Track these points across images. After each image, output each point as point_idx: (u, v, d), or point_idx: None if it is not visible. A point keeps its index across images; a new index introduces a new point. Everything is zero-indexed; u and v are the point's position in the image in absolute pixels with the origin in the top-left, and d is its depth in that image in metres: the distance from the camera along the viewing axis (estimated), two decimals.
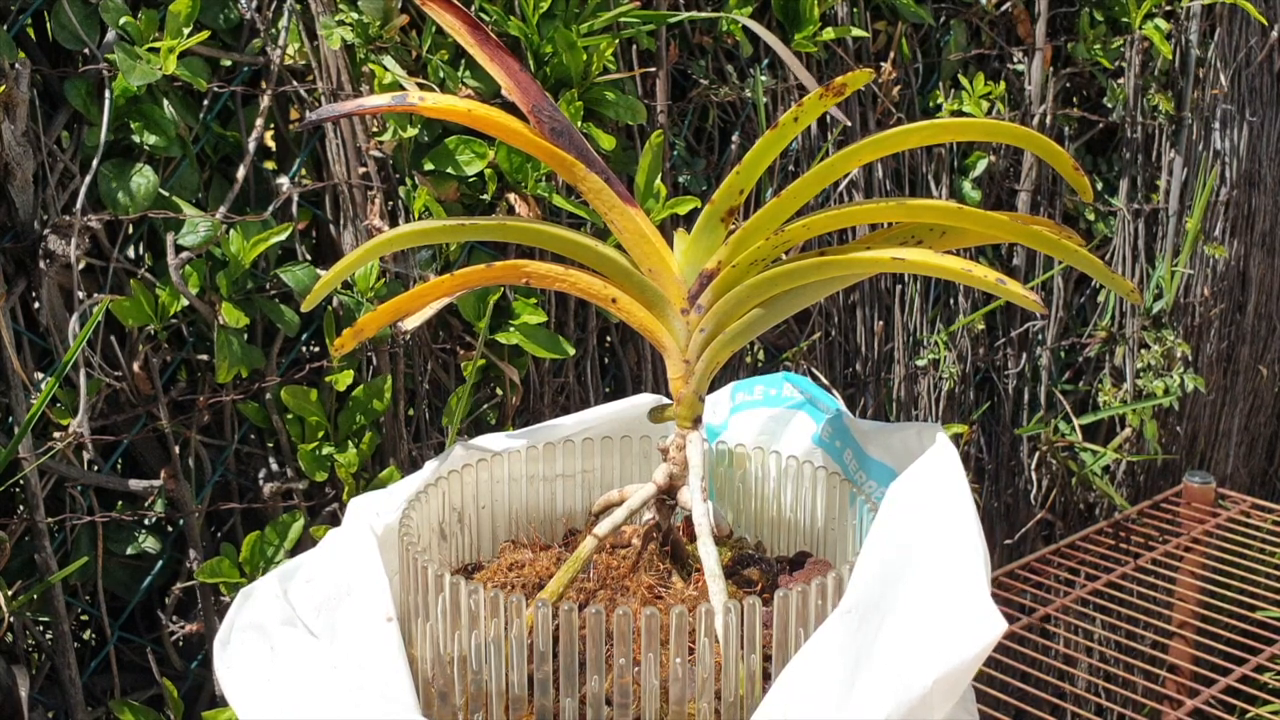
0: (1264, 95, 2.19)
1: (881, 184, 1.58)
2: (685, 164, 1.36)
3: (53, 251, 0.95)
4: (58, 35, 0.96)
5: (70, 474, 1.00)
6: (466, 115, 0.56)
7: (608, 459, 0.68)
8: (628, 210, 0.57)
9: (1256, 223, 2.26)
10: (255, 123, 1.06)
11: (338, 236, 1.13)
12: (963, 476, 0.54)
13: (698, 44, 1.35)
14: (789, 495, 0.66)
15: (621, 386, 1.35)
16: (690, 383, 0.57)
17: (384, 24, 1.04)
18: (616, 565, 0.58)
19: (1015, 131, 0.54)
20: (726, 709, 0.49)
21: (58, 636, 1.00)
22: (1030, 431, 1.83)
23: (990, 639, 0.49)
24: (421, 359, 1.16)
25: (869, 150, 0.52)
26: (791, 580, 0.59)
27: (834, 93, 0.51)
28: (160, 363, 1.03)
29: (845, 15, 1.46)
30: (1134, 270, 1.94)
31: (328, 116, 0.58)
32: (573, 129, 0.57)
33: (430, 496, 0.61)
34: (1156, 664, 1.82)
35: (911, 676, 0.47)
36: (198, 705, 1.12)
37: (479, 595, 0.50)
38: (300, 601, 0.55)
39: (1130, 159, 1.91)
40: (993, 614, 0.50)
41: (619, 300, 0.58)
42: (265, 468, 1.11)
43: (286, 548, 1.05)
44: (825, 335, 1.54)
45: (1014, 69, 1.72)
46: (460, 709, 0.52)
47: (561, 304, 1.24)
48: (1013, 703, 1.24)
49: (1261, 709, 1.25)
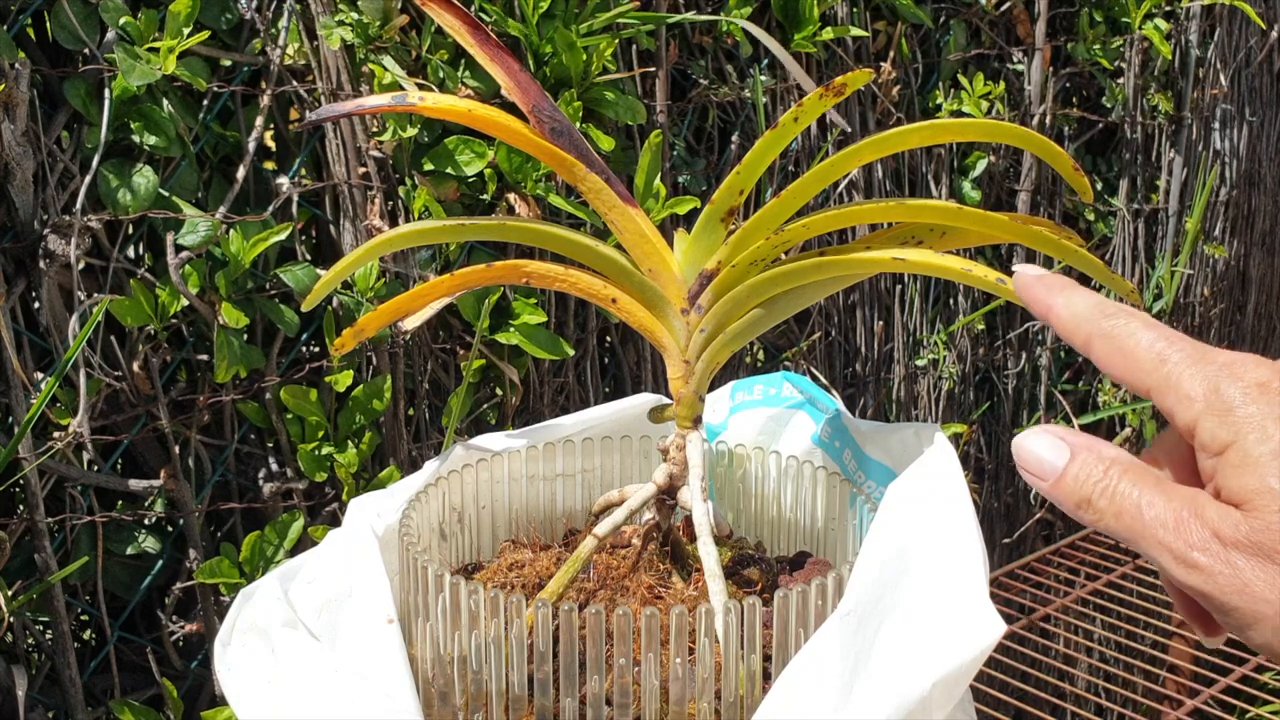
0: (1264, 95, 2.19)
1: (881, 184, 1.58)
2: (685, 164, 1.36)
3: (53, 251, 0.95)
4: (58, 35, 0.96)
5: (70, 474, 1.00)
6: (467, 115, 0.56)
7: (608, 459, 0.68)
8: (628, 210, 0.57)
9: (1256, 223, 2.26)
10: (255, 123, 1.06)
11: (338, 236, 1.13)
12: (961, 477, 0.54)
13: (697, 44, 1.35)
14: (789, 495, 0.66)
15: (621, 386, 1.35)
16: (690, 383, 0.57)
17: (384, 24, 1.04)
18: (616, 565, 0.58)
19: (1015, 132, 0.54)
20: (726, 709, 0.49)
21: (58, 636, 1.00)
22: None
23: (990, 641, 0.49)
24: (421, 359, 1.16)
25: (869, 150, 0.52)
26: (791, 580, 0.59)
27: (834, 93, 0.51)
28: (160, 363, 1.03)
29: (845, 15, 1.46)
30: (1134, 270, 1.94)
31: (327, 117, 0.58)
32: (573, 129, 0.57)
33: (430, 496, 0.61)
34: (1156, 664, 1.82)
35: (911, 679, 0.47)
36: (198, 705, 1.12)
37: (479, 595, 0.50)
38: (301, 602, 0.55)
39: (1130, 159, 1.91)
40: (992, 616, 0.50)
41: (619, 300, 0.58)
42: (265, 468, 1.11)
43: (286, 548, 1.05)
44: (825, 335, 1.54)
45: (1014, 69, 1.72)
46: (460, 709, 0.52)
47: (561, 304, 1.24)
48: (1013, 703, 1.24)
49: (1261, 709, 1.25)
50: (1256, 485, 0.40)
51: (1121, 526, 0.43)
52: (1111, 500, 0.43)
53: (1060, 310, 0.47)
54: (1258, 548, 0.39)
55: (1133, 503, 0.43)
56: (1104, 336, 0.45)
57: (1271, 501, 0.39)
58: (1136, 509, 0.42)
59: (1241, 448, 0.40)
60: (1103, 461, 0.44)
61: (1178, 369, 0.43)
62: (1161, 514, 0.42)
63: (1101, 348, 0.45)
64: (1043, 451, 0.46)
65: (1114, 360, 0.45)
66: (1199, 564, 0.40)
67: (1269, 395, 0.41)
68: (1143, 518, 0.42)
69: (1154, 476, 0.43)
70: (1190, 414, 0.42)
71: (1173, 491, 0.42)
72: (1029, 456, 0.46)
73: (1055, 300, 0.47)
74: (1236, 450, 0.41)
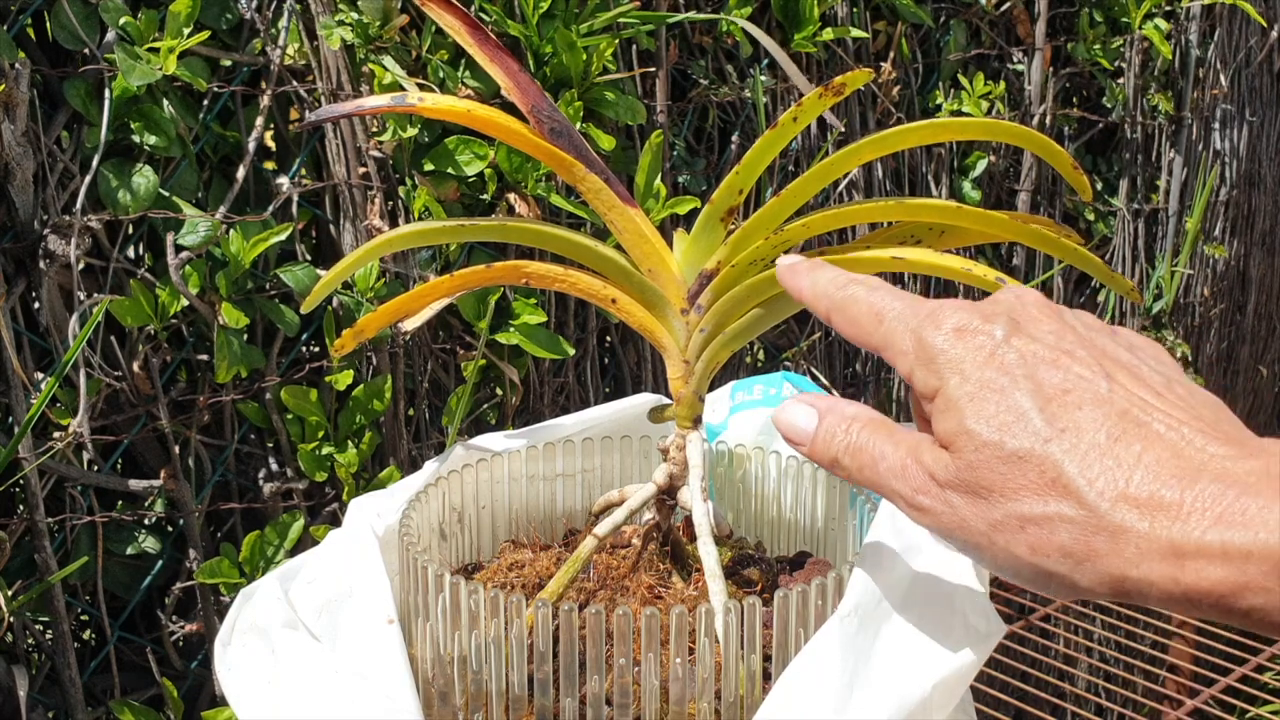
0: (1264, 95, 2.19)
1: (881, 184, 1.58)
2: (685, 164, 1.36)
3: (53, 251, 0.95)
4: (58, 35, 0.96)
5: (70, 474, 1.00)
6: (466, 115, 0.56)
7: (608, 459, 0.68)
8: (627, 210, 0.57)
9: (1256, 223, 2.26)
10: (255, 123, 1.06)
11: (338, 236, 1.13)
12: None
13: (697, 44, 1.35)
14: (789, 495, 0.66)
15: (621, 386, 1.35)
16: (690, 383, 0.57)
17: (384, 24, 1.04)
18: (616, 565, 0.59)
19: (1015, 131, 0.54)
20: (726, 709, 0.49)
21: (58, 636, 1.00)
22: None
23: (990, 642, 0.49)
24: (421, 359, 1.16)
25: (869, 149, 0.52)
26: (791, 580, 0.59)
27: (834, 92, 0.51)
28: (160, 363, 1.03)
29: (845, 15, 1.46)
30: (1134, 270, 1.94)
31: (327, 117, 0.58)
32: (572, 129, 0.57)
33: (430, 496, 0.61)
34: (1156, 664, 1.82)
35: (911, 680, 0.47)
36: (198, 705, 1.12)
37: (479, 595, 0.50)
38: (302, 603, 0.55)
39: (1130, 159, 1.91)
40: (992, 617, 0.50)
41: (619, 300, 0.58)
42: (265, 468, 1.11)
43: (286, 548, 1.05)
44: (825, 335, 1.54)
45: (1014, 69, 1.72)
46: (460, 709, 0.52)
47: (561, 304, 1.24)
48: (1013, 703, 1.24)
49: (1261, 709, 1.25)
50: (955, 427, 0.41)
51: (864, 479, 0.45)
52: (854, 456, 0.45)
53: (807, 290, 0.49)
54: (965, 485, 0.41)
55: (870, 455, 0.45)
56: (837, 308, 0.47)
57: (969, 441, 0.40)
58: (873, 461, 0.44)
59: (945, 392, 0.42)
60: (844, 420, 0.46)
61: (892, 324, 0.45)
62: (891, 463, 0.44)
63: (837, 318, 0.47)
64: (795, 419, 0.48)
65: (847, 327, 0.47)
66: (924, 506, 0.42)
67: (965, 337, 0.43)
68: (878, 468, 0.44)
69: (888, 428, 0.45)
70: (905, 366, 0.44)
71: (900, 439, 0.44)
72: (785, 425, 0.48)
73: (803, 282, 0.49)
74: (941, 396, 0.42)
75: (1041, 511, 0.39)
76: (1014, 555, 0.40)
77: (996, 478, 0.40)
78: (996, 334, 0.42)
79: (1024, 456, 0.39)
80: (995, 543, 0.40)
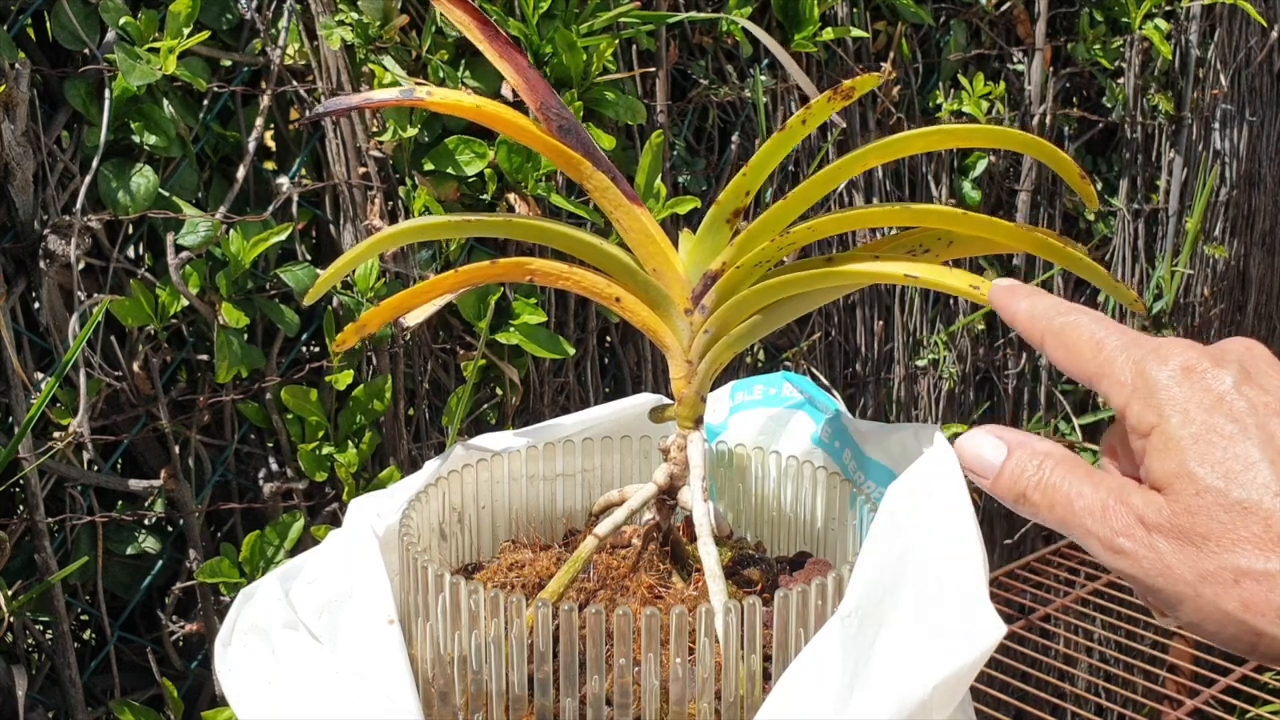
0: (1264, 95, 2.19)
1: (882, 184, 1.58)
2: (685, 164, 1.36)
3: (53, 251, 0.95)
4: (58, 35, 0.96)
5: (70, 474, 1.00)
6: (475, 111, 0.56)
7: (608, 459, 0.68)
8: (633, 209, 0.57)
9: (1256, 223, 2.26)
10: (255, 123, 1.06)
11: (338, 236, 1.13)
12: (961, 478, 0.54)
13: (698, 44, 1.35)
14: (789, 495, 0.66)
15: (621, 386, 1.35)
16: (692, 383, 0.57)
17: (384, 24, 1.04)
18: (616, 565, 0.58)
19: (1021, 139, 0.54)
20: (726, 709, 0.49)
21: (58, 636, 1.00)
22: (1030, 431, 1.83)
23: (990, 643, 0.49)
24: (421, 359, 1.16)
25: (875, 155, 0.52)
26: (792, 580, 0.59)
27: (842, 96, 0.51)
28: (160, 363, 1.03)
29: (845, 15, 1.46)
30: (1134, 270, 1.94)
31: (334, 110, 0.58)
32: (580, 127, 0.57)
33: (430, 496, 0.61)
34: (1156, 664, 1.82)
35: (911, 680, 0.47)
36: (198, 705, 1.12)
37: (479, 595, 0.50)
38: (302, 603, 0.55)
39: (1130, 159, 1.91)
40: (992, 618, 0.50)
41: (623, 299, 0.58)
42: (265, 468, 1.11)
43: (286, 548, 1.05)
44: (825, 335, 1.54)
45: (1014, 69, 1.72)
46: (460, 709, 0.52)
47: (561, 304, 1.24)
48: (1013, 703, 1.24)
49: (1261, 709, 1.25)
50: (1176, 469, 0.40)
51: (1055, 518, 0.44)
52: (1045, 493, 0.44)
53: (1023, 312, 0.48)
54: (1178, 531, 0.39)
55: (1063, 494, 0.44)
56: (1054, 333, 0.47)
57: (1189, 485, 0.39)
58: (1067, 500, 0.43)
59: (1164, 430, 0.41)
60: (1036, 456, 0.45)
61: (1112, 355, 0.44)
62: (1090, 503, 0.43)
63: (1052, 343, 0.47)
64: (982, 450, 0.47)
65: (1061, 353, 0.46)
66: (1124, 549, 0.41)
67: (1193, 378, 0.42)
68: (1073, 507, 0.43)
69: (1085, 468, 0.44)
70: (1121, 398, 0.43)
71: (1100, 481, 0.43)
72: (970, 456, 0.48)
73: (1020, 305, 0.49)
74: (1160, 433, 0.41)
75: (1263, 568, 0.37)
76: (1221, 610, 0.38)
77: (1215, 526, 0.38)
78: (1226, 380, 0.41)
79: (1250, 507, 0.38)
80: (1201, 594, 0.39)
